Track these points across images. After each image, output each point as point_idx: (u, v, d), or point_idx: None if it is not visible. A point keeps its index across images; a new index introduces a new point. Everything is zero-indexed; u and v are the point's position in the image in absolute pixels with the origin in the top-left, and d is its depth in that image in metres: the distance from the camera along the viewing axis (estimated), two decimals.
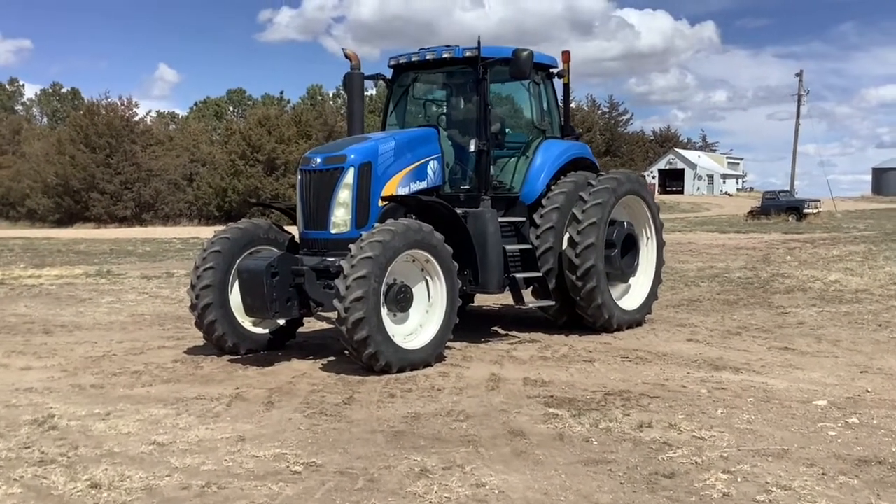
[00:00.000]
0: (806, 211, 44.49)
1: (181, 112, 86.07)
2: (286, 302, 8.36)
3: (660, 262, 11.00)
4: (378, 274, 7.84)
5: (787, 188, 59.07)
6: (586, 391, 7.22)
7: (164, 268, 20.56)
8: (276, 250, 9.10)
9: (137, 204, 60.71)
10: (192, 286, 8.93)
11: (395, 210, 9.02)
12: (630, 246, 10.48)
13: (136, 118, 64.91)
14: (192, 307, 8.95)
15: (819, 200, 47.55)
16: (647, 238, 10.90)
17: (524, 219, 10.00)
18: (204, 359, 8.92)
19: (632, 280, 10.64)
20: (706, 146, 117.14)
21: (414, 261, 8.44)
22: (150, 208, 61.12)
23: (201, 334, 9.10)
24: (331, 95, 78.31)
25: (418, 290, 8.51)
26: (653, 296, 10.87)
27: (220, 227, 9.54)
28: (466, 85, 10.17)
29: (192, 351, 9.39)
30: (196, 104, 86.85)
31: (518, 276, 9.56)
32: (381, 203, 8.92)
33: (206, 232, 8.56)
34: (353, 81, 9.79)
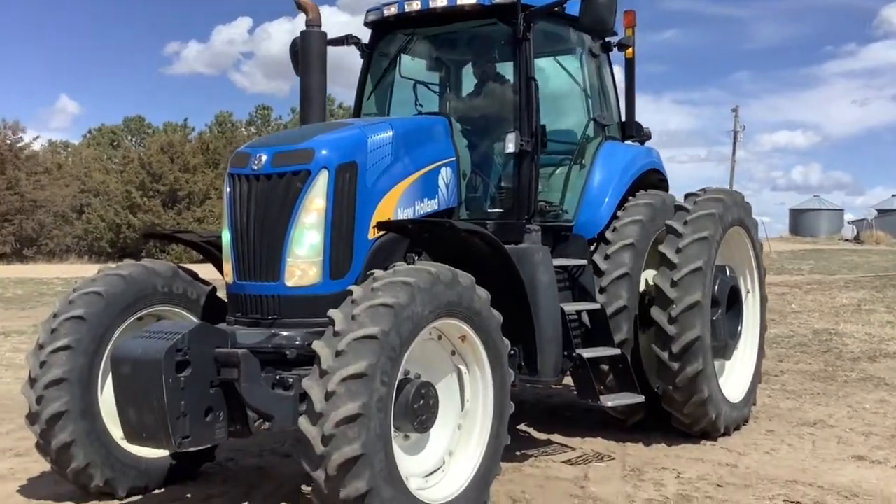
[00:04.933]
0: None
1: (76, 142, 78.74)
2: (203, 416, 4.38)
3: (763, 327, 7.46)
4: (388, 368, 4.07)
5: None
6: None
7: (34, 318, 16.04)
8: (186, 316, 5.28)
9: (18, 238, 54.38)
10: (32, 380, 4.96)
11: (392, 248, 5.27)
12: (731, 303, 6.92)
13: (21, 143, 58.72)
14: (31, 417, 4.97)
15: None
16: (748, 291, 7.33)
17: (584, 262, 6.36)
18: None
19: (733, 354, 7.07)
20: None
21: (440, 338, 4.70)
22: (32, 243, 54.81)
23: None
24: (242, 123, 72.65)
25: (445, 391, 4.75)
26: (758, 378, 7.30)
27: (90, 275, 5.49)
28: (494, 50, 6.52)
29: (33, 487, 5.43)
30: (90, 131, 79.55)
31: (586, 354, 5.85)
32: (372, 234, 5.16)
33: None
34: (310, 43, 5.83)
